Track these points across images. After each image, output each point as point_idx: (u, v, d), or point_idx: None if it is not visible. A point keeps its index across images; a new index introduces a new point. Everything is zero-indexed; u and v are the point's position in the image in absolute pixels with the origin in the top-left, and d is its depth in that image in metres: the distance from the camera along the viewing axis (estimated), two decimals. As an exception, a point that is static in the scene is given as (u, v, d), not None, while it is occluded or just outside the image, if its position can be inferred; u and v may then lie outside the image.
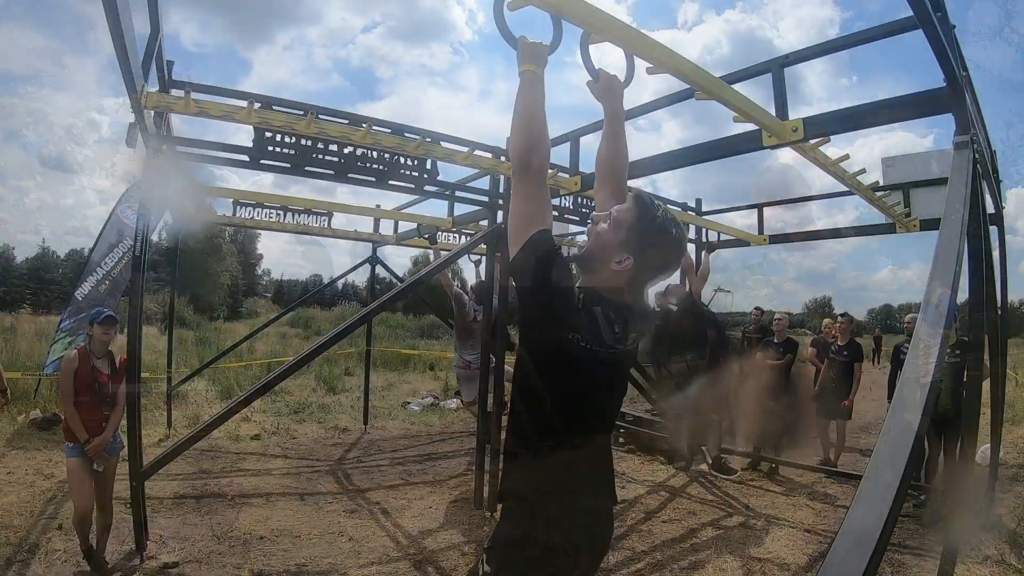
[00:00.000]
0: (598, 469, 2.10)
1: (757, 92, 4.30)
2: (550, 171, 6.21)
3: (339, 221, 9.01)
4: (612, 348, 1.92)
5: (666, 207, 2.02)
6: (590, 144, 5.94)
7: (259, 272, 57.46)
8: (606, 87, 2.49)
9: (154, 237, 5.47)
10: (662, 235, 1.95)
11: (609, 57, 3.03)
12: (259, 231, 34.70)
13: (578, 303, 1.89)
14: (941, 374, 1.77)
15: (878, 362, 24.47)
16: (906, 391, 1.66)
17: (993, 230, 5.41)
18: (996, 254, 5.35)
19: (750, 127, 4.11)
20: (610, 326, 1.92)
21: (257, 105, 4.78)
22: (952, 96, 3.30)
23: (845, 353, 8.07)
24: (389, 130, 5.50)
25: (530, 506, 1.96)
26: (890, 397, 7.97)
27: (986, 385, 4.89)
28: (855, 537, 1.27)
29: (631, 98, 2.54)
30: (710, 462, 7.99)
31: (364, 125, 5.26)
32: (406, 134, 5.57)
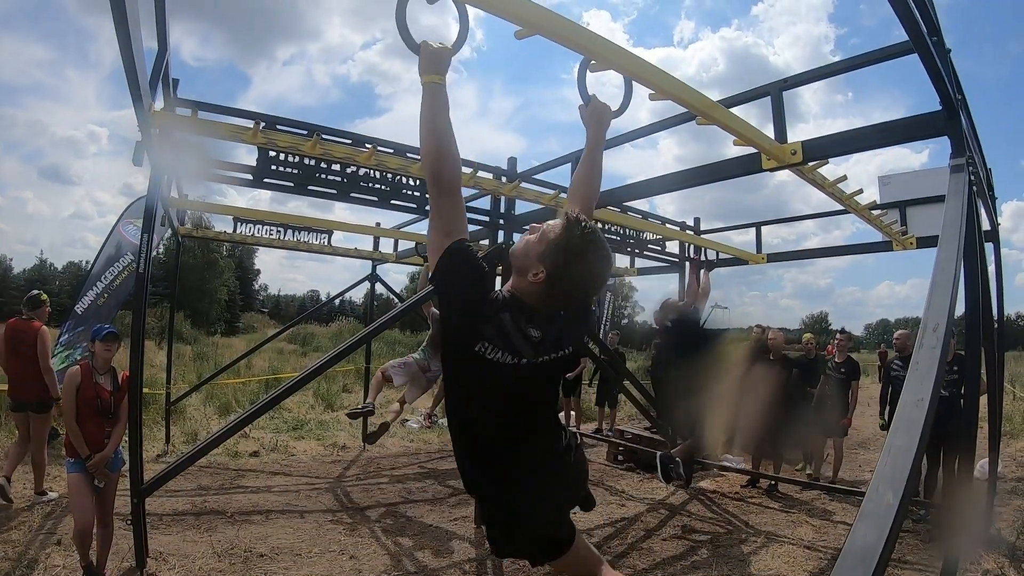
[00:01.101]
0: (540, 470, 2.13)
1: (751, 109, 4.37)
2: (551, 192, 6.27)
3: (338, 238, 9.07)
4: (523, 358, 1.97)
5: (597, 236, 2.00)
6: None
7: (256, 287, 57.48)
8: (595, 113, 2.55)
9: (154, 251, 5.42)
10: (579, 261, 1.94)
11: (605, 74, 3.07)
12: (257, 247, 34.70)
13: (494, 308, 1.94)
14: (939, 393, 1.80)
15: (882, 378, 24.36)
16: (905, 412, 1.70)
17: (989, 246, 5.48)
18: (992, 268, 5.41)
19: (750, 150, 4.17)
20: (522, 334, 1.96)
21: (263, 125, 4.84)
22: (948, 119, 3.36)
23: (842, 370, 8.10)
24: (392, 151, 5.56)
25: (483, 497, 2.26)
26: (882, 413, 8.04)
27: (984, 399, 4.93)
28: (858, 556, 1.31)
29: (631, 117, 2.59)
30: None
31: (368, 146, 5.33)
32: (408, 155, 5.63)
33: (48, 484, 6.51)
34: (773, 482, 8.06)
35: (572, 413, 11.72)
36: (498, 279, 7.10)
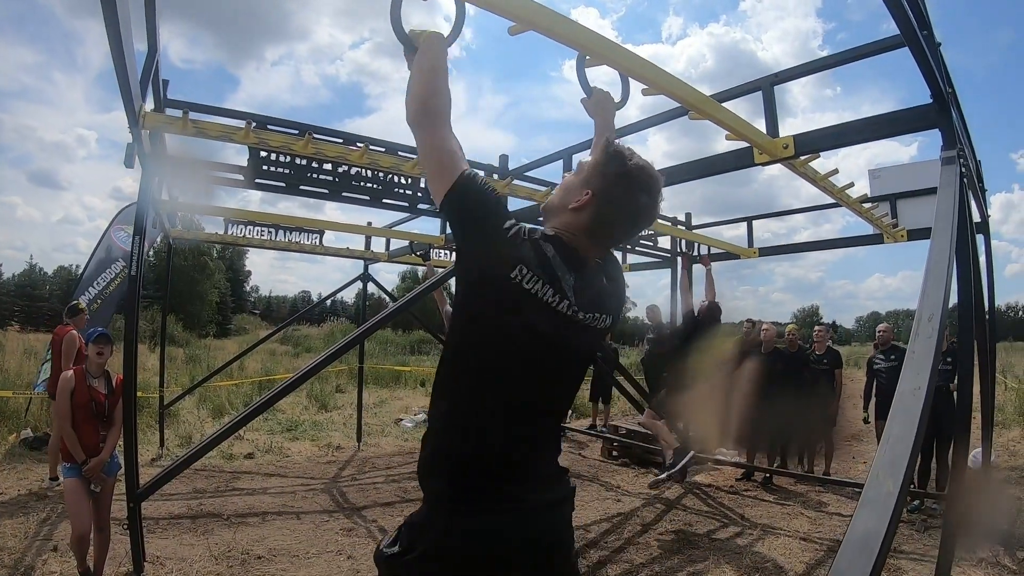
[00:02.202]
0: (539, 459, 1.76)
1: (740, 104, 4.39)
2: (544, 189, 6.27)
3: (329, 238, 9.05)
4: (566, 301, 1.65)
5: (640, 158, 1.78)
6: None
7: (247, 289, 57.32)
8: (599, 103, 2.48)
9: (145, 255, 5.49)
10: (629, 178, 1.72)
11: (598, 70, 3.08)
12: (247, 248, 34.61)
13: (532, 236, 1.67)
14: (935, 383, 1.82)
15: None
16: (903, 401, 1.71)
17: (980, 238, 5.51)
18: (983, 259, 5.44)
19: (742, 144, 4.19)
20: (567, 269, 1.67)
21: (254, 125, 4.83)
22: (939, 112, 3.37)
23: (825, 361, 8.20)
24: (384, 149, 5.55)
25: (448, 496, 1.65)
26: (866, 407, 8.12)
27: (976, 389, 4.96)
28: (860, 543, 1.32)
29: (622, 115, 2.58)
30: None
31: (360, 145, 5.32)
32: (400, 153, 5.62)
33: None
34: (768, 475, 8.11)
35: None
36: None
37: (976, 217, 4.69)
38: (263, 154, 5.28)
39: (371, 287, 10.70)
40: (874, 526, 1.35)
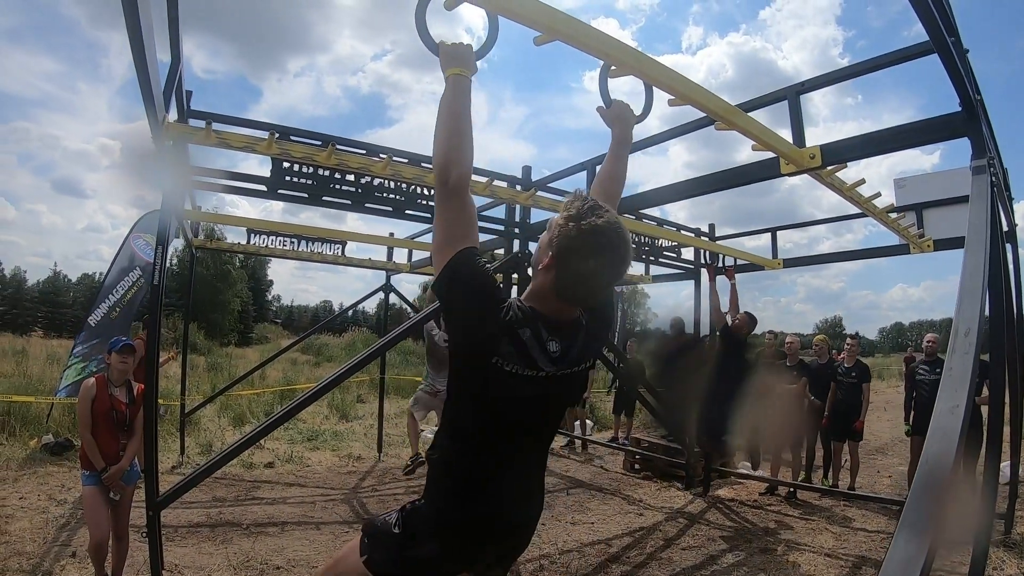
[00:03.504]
0: (521, 482, 2.04)
1: (761, 113, 4.34)
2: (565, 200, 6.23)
3: (352, 249, 9.09)
4: (542, 370, 1.84)
5: (601, 205, 1.84)
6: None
7: (269, 298, 57.74)
8: (618, 115, 2.48)
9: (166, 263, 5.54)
10: (583, 241, 1.76)
11: (620, 81, 3.06)
12: (269, 258, 34.85)
13: (508, 323, 1.79)
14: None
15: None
16: (940, 420, 1.66)
17: (1007, 247, 5.43)
18: (1011, 269, 5.35)
19: (768, 155, 4.14)
20: (541, 346, 1.83)
21: (276, 136, 4.84)
22: (968, 120, 3.32)
23: (853, 374, 8.02)
24: (407, 160, 5.56)
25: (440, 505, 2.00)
26: (907, 419, 7.94)
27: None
28: (900, 565, 1.28)
29: (642, 126, 2.56)
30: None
31: (383, 156, 5.32)
32: (423, 164, 5.62)
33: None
34: (792, 489, 8.00)
35: (577, 422, 11.76)
36: (514, 289, 7.11)
37: (1004, 226, 4.63)
38: (286, 165, 5.30)
39: (393, 298, 10.71)
40: (914, 549, 1.31)
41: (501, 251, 7.39)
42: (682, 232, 8.73)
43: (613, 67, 2.69)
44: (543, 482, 2.21)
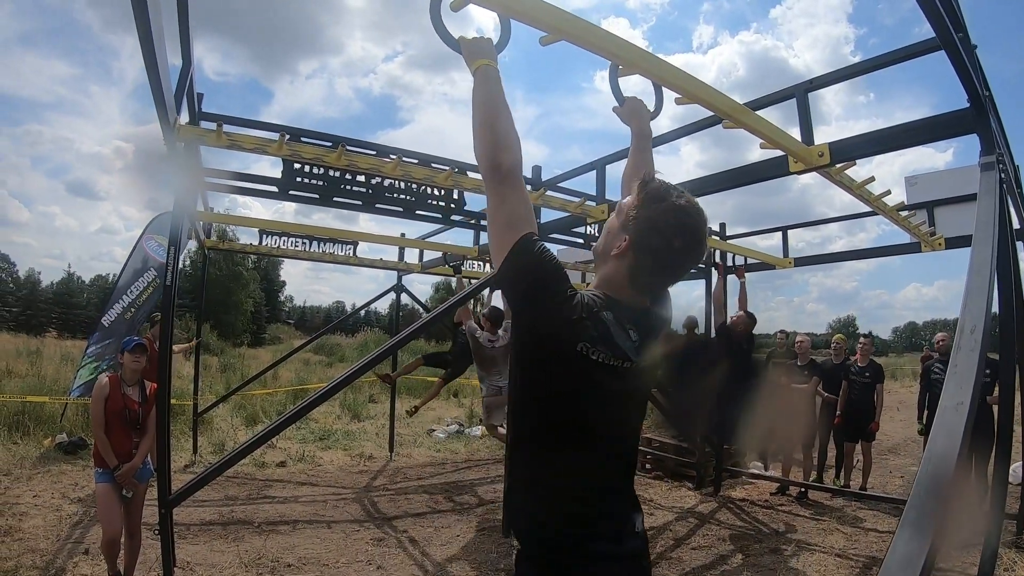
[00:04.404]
0: (621, 504, 1.78)
1: (772, 112, 4.33)
2: (577, 200, 6.25)
3: (363, 249, 9.12)
4: (629, 359, 1.68)
5: (686, 193, 1.73)
6: (616, 172, 5.98)
7: (282, 299, 57.92)
8: (633, 111, 2.46)
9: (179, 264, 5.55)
10: (664, 222, 1.67)
11: (632, 79, 3.07)
12: (282, 259, 34.95)
13: (588, 306, 1.64)
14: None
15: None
16: (945, 417, 1.66)
17: (1020, 244, 5.38)
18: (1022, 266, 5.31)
19: (776, 153, 4.13)
20: (625, 333, 1.68)
21: (287, 137, 4.87)
22: (977, 116, 3.30)
23: (867, 374, 7.97)
24: (417, 161, 5.58)
25: (545, 552, 1.70)
26: (920, 419, 7.89)
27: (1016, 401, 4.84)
28: (900, 564, 1.27)
29: (653, 125, 2.55)
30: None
31: (393, 156, 5.34)
32: (433, 165, 5.64)
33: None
34: (803, 489, 7.97)
35: None
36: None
37: (1015, 223, 4.59)
38: (297, 166, 5.33)
39: (404, 298, 10.75)
40: (915, 548, 1.31)
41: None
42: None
43: (621, 67, 2.69)
44: (636, 502, 1.85)
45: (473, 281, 8.15)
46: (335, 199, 5.59)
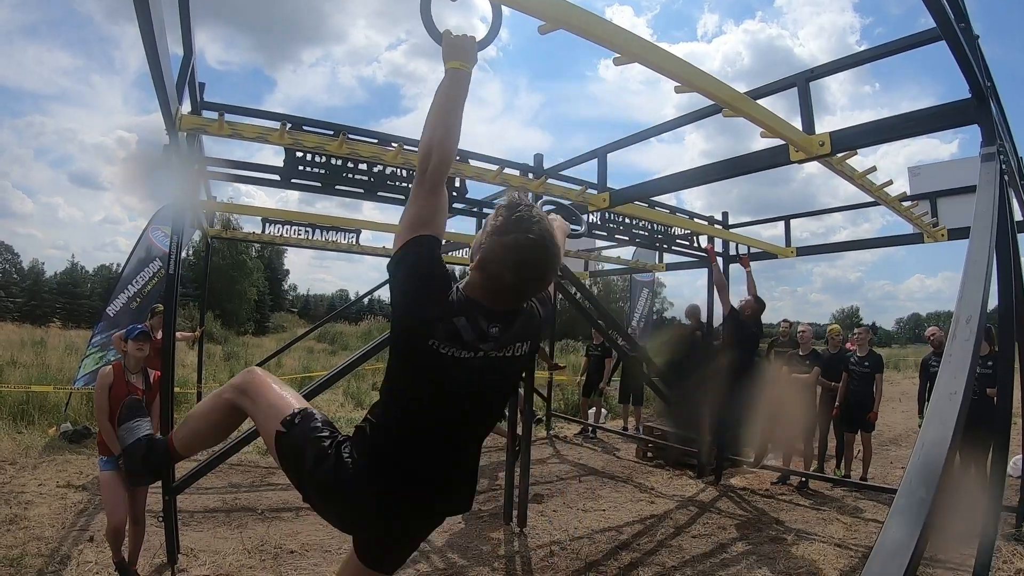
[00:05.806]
0: (447, 468, 2.05)
1: (777, 101, 4.33)
2: (578, 187, 6.25)
3: (367, 237, 9.13)
4: (479, 350, 1.87)
5: (529, 213, 1.85)
6: (617, 159, 5.98)
7: (285, 287, 57.97)
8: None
9: (183, 253, 5.55)
10: (504, 250, 1.82)
11: (631, 70, 3.06)
12: (286, 247, 34.96)
13: (447, 310, 1.83)
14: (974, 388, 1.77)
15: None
16: (938, 406, 1.67)
17: (1021, 237, 5.37)
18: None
19: (777, 142, 4.13)
20: (477, 331, 1.86)
21: (289, 126, 4.87)
22: (978, 107, 3.29)
23: (866, 364, 7.97)
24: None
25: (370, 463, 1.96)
26: (920, 412, 7.89)
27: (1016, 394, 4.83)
28: (890, 552, 1.29)
29: (657, 114, 2.55)
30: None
31: (395, 144, 5.35)
32: (435, 153, 5.64)
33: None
34: (804, 479, 7.99)
35: (592, 410, 11.93)
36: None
37: (1018, 215, 4.58)
38: (298, 154, 5.33)
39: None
40: (905, 535, 1.32)
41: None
42: (695, 220, 8.70)
43: (616, 55, 2.69)
44: (474, 476, 2.19)
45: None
46: (337, 187, 5.59)
